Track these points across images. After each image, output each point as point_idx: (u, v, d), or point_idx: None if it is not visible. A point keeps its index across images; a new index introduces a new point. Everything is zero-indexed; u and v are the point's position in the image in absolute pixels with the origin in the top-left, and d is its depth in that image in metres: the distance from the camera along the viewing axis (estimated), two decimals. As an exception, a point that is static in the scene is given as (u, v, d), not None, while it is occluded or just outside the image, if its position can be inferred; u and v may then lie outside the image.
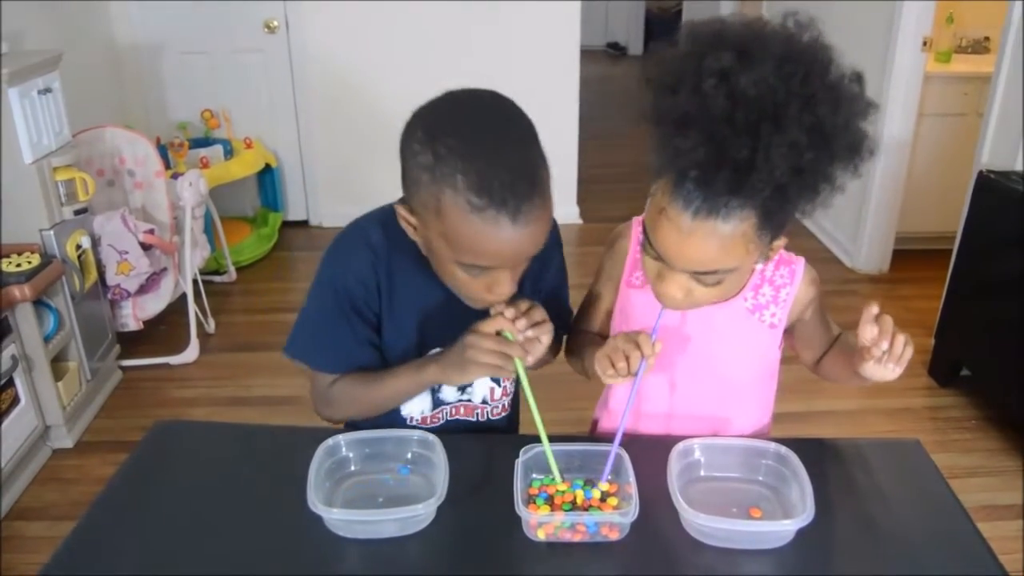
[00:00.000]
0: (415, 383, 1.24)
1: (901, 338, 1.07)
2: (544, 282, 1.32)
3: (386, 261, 1.21)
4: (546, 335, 1.14)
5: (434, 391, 1.31)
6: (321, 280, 1.24)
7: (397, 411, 1.32)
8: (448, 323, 1.20)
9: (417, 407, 1.32)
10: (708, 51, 0.95)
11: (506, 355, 1.11)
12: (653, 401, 1.32)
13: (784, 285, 1.25)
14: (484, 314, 1.14)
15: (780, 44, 0.95)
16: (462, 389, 1.33)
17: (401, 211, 1.11)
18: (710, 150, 0.94)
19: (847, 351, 1.22)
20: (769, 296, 1.25)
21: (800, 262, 1.26)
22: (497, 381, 1.33)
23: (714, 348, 1.26)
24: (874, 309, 1.07)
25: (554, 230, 1.26)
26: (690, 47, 0.99)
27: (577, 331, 1.41)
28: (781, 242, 1.11)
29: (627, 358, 1.13)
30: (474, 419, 1.36)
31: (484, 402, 1.35)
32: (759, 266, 1.17)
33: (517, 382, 1.38)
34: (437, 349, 1.26)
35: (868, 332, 1.08)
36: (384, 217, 1.21)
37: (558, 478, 1.15)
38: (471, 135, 1.00)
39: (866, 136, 0.99)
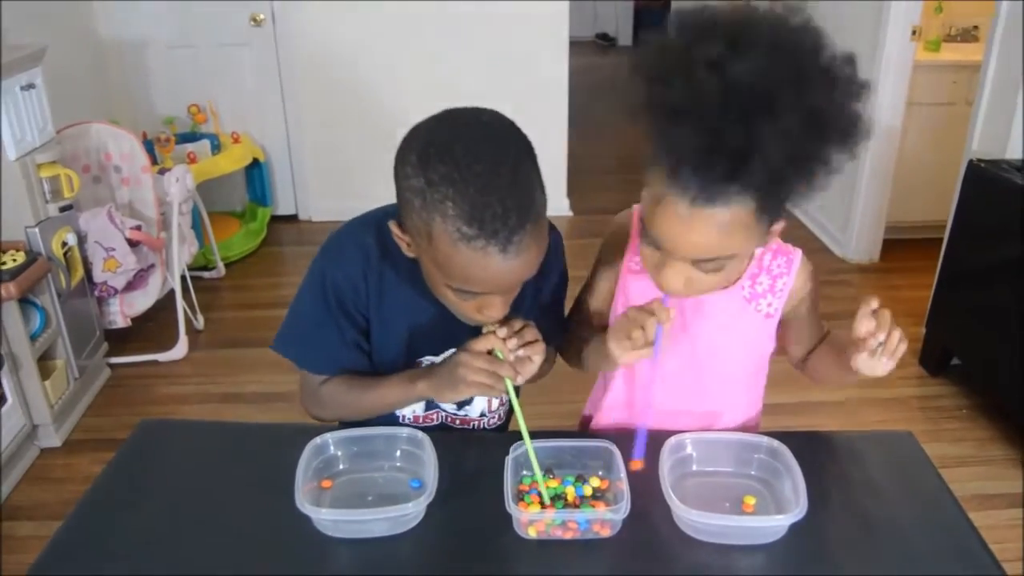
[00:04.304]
0: (405, 395, 1.22)
1: (897, 333, 1.08)
2: (545, 291, 1.31)
3: (378, 267, 1.20)
4: (538, 355, 1.13)
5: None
6: (313, 277, 1.23)
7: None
8: (439, 334, 1.19)
9: (409, 408, 1.31)
10: (698, 41, 0.94)
11: (496, 375, 1.10)
12: (645, 392, 1.31)
13: (781, 275, 1.25)
14: (476, 330, 1.13)
15: (770, 30, 0.95)
16: (459, 405, 1.32)
17: (395, 229, 1.09)
18: (705, 139, 0.93)
19: (836, 348, 1.23)
20: (766, 285, 1.24)
21: (797, 253, 1.26)
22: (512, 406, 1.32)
23: (710, 336, 1.26)
24: (874, 303, 1.07)
25: (555, 236, 1.24)
26: (680, 37, 0.98)
27: (571, 324, 1.40)
28: (779, 226, 1.09)
29: (642, 328, 1.10)
30: (470, 428, 1.36)
31: (482, 415, 1.35)
32: (757, 251, 1.17)
33: None
34: (427, 358, 1.25)
35: (865, 325, 1.08)
36: (379, 221, 1.18)
37: (542, 486, 1.13)
38: (463, 161, 0.96)
39: (860, 117, 0.98)
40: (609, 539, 1.07)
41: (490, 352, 1.11)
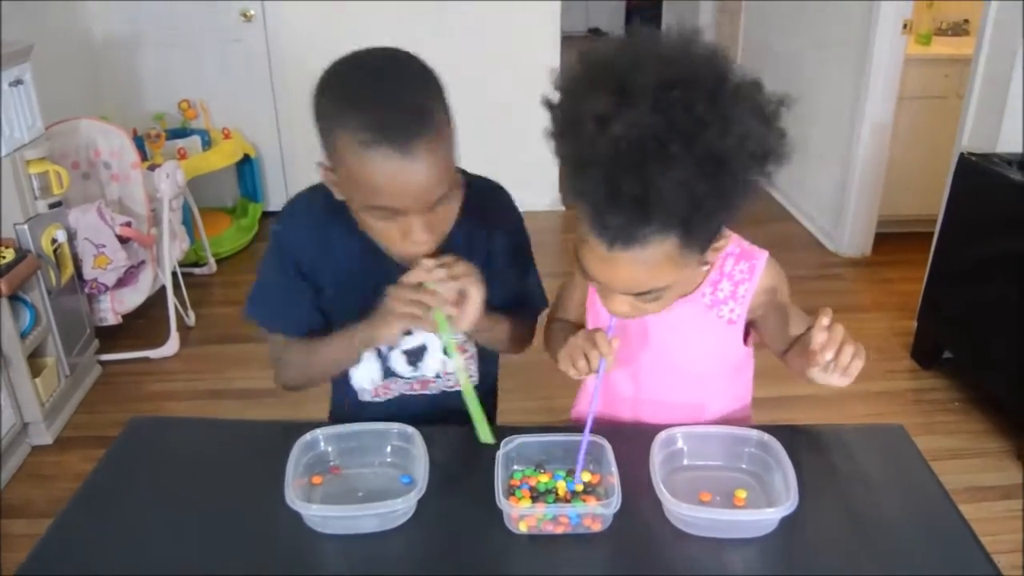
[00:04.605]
0: (348, 346, 1.23)
1: (850, 349, 1.04)
2: (497, 251, 1.29)
3: (325, 223, 1.23)
4: (474, 289, 1.11)
5: (383, 360, 1.30)
6: (271, 242, 1.28)
7: (349, 384, 1.33)
8: (388, 285, 1.17)
9: (367, 375, 1.32)
10: (586, 93, 0.92)
11: (423, 304, 1.10)
12: (620, 390, 1.33)
13: (743, 281, 1.22)
14: None
15: (659, 73, 0.89)
16: (414, 364, 1.32)
17: (322, 171, 1.12)
18: (608, 189, 0.91)
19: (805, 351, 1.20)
20: (727, 292, 1.22)
21: (762, 257, 1.22)
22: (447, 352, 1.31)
23: (673, 342, 1.26)
24: (824, 320, 1.05)
25: (503, 194, 1.31)
26: (574, 84, 0.97)
27: (553, 320, 1.41)
28: (721, 243, 1.06)
29: (586, 357, 1.14)
30: (430, 392, 1.35)
31: (437, 376, 1.34)
32: (705, 268, 1.16)
33: (482, 354, 1.37)
34: None
35: (818, 338, 1.05)
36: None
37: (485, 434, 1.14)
38: (363, 80, 1.05)
39: (772, 142, 0.94)
40: (600, 533, 1.07)
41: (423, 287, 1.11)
